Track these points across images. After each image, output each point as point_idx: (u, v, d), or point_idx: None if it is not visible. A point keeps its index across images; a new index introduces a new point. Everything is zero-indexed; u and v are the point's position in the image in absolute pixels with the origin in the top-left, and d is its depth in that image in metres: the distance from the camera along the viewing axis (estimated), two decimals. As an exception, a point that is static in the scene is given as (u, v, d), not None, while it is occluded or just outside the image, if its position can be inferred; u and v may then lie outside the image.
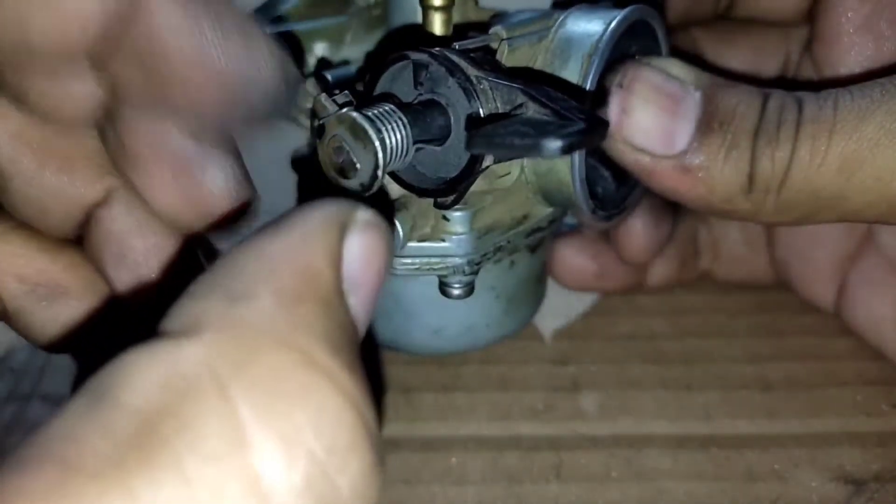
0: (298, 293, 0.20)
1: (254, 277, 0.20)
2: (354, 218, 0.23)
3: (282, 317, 0.19)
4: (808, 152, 0.33)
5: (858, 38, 0.41)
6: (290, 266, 0.20)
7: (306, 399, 0.18)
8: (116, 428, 0.17)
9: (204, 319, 0.19)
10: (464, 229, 0.36)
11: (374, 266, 0.23)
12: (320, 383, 0.18)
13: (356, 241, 0.22)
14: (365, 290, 0.22)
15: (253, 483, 0.17)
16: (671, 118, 0.35)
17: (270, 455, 0.17)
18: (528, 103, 0.31)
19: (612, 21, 0.36)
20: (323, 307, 0.20)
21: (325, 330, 0.20)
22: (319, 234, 0.21)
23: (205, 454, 0.17)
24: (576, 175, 0.36)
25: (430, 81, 0.33)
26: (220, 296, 0.19)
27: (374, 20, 0.43)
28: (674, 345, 0.49)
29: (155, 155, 0.31)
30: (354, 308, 0.22)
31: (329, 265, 0.21)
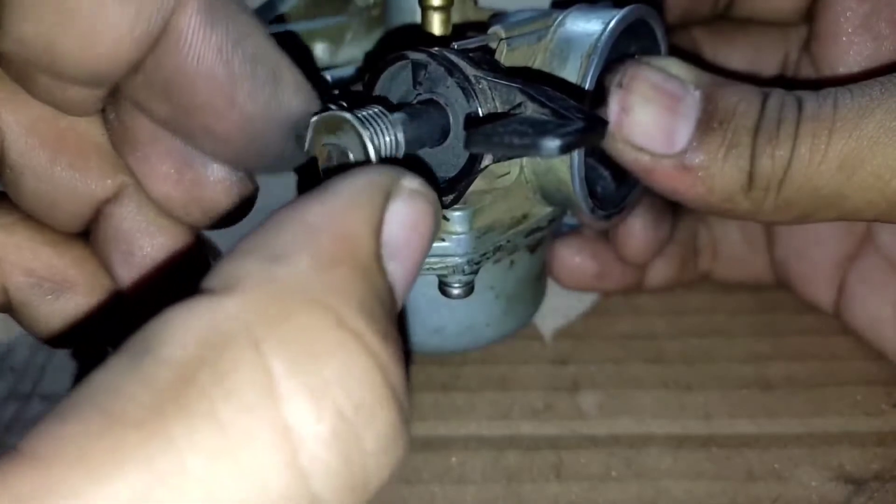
0: (335, 257, 0.20)
1: (293, 240, 0.21)
2: (400, 185, 0.23)
3: (317, 278, 0.20)
4: (808, 150, 0.33)
5: (857, 37, 0.41)
6: (330, 230, 0.21)
7: (335, 357, 0.19)
8: (156, 379, 0.18)
9: (242, 278, 0.20)
10: (463, 229, 0.36)
11: (417, 234, 0.23)
12: (349, 343, 0.19)
13: (400, 208, 0.23)
14: (406, 256, 0.23)
15: (283, 432, 0.18)
16: (671, 117, 0.35)
17: (300, 407, 0.18)
18: (526, 103, 0.31)
19: (611, 21, 0.36)
20: (358, 272, 0.21)
21: (358, 294, 0.20)
22: (362, 200, 0.22)
23: (239, 404, 0.18)
24: (575, 174, 0.36)
25: (428, 81, 0.33)
26: (258, 256, 0.20)
27: (374, 20, 0.43)
28: (674, 345, 0.49)
29: (157, 144, 0.31)
30: (394, 274, 0.22)
31: (369, 231, 0.22)
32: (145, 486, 0.17)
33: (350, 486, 0.19)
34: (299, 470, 0.18)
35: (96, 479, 0.16)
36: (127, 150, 0.31)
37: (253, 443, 0.18)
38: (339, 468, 0.18)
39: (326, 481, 0.18)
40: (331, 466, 0.18)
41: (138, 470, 0.17)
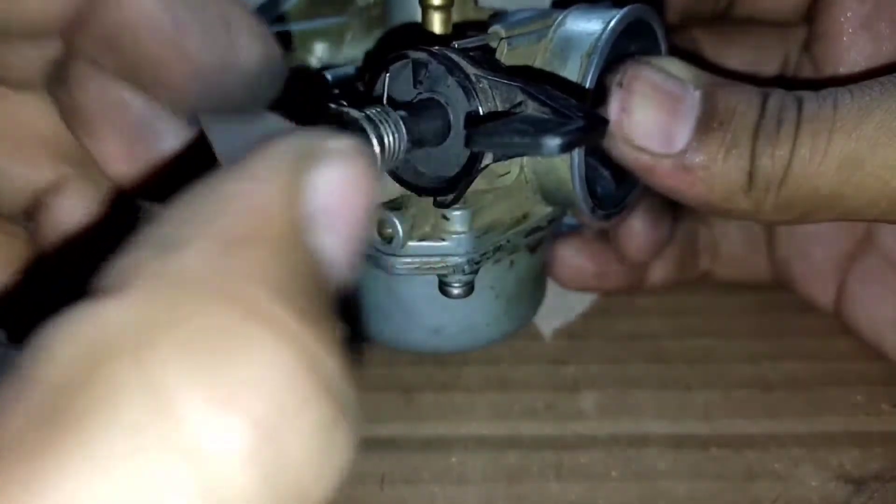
0: (243, 236, 0.17)
1: (192, 223, 0.18)
2: (324, 147, 0.20)
3: (220, 264, 0.17)
4: (809, 151, 0.33)
5: (857, 37, 0.41)
6: (235, 207, 0.18)
7: (248, 355, 0.16)
8: (31, 407, 0.15)
9: (133, 274, 0.17)
10: (463, 228, 0.36)
11: (352, 199, 0.20)
12: (264, 336, 0.16)
13: (325, 171, 0.19)
14: (339, 225, 0.20)
15: (186, 452, 0.15)
16: (671, 117, 0.35)
17: (205, 420, 0.15)
18: (527, 102, 0.31)
19: (612, 20, 0.36)
20: (273, 249, 0.18)
21: (274, 275, 0.17)
22: (275, 168, 0.19)
23: (125, 429, 0.15)
24: (575, 174, 0.36)
25: (429, 80, 0.33)
26: (151, 245, 0.17)
27: (374, 20, 0.43)
28: (674, 345, 0.49)
29: (108, 117, 0.30)
30: (326, 246, 0.19)
31: (283, 202, 0.19)
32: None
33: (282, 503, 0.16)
34: (211, 498, 0.15)
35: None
36: (79, 130, 0.30)
37: (146, 473, 0.15)
38: (261, 489, 0.15)
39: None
40: (250, 489, 0.15)
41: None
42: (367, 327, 0.44)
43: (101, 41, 0.26)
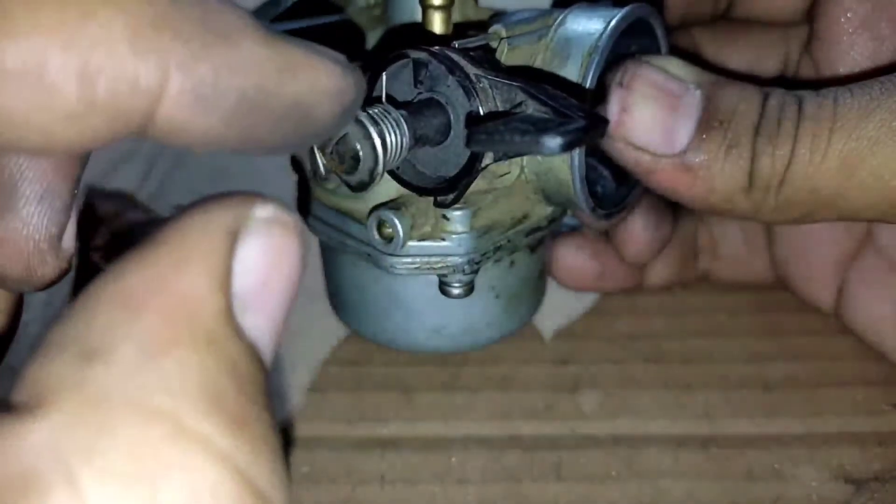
0: (167, 337, 0.16)
1: (113, 324, 0.16)
2: (250, 216, 0.19)
3: (145, 375, 0.16)
4: (809, 150, 0.33)
5: (858, 37, 0.41)
6: (158, 301, 0.17)
7: (174, 478, 0.15)
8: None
9: (51, 387, 0.16)
10: (464, 228, 0.36)
11: (278, 272, 0.19)
12: (191, 454, 0.15)
13: (253, 246, 0.18)
14: (269, 303, 0.19)
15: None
16: (671, 116, 0.35)
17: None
18: (527, 101, 0.31)
19: (612, 20, 0.36)
20: (201, 348, 0.17)
21: (200, 380, 0.16)
22: (199, 251, 0.18)
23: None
24: (576, 174, 0.36)
25: (429, 80, 0.33)
26: (71, 353, 0.16)
27: (374, 20, 0.43)
28: (674, 345, 0.49)
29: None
30: (255, 329, 0.18)
31: (212, 288, 0.17)
32: None
33: None
34: None
35: None
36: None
37: None
38: None
39: None
40: None
41: None
42: (367, 327, 0.44)
43: None
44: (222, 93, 0.20)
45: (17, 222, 0.26)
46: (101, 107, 0.19)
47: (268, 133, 0.22)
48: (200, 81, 0.20)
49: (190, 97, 0.20)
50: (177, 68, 0.19)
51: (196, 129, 0.21)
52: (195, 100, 0.20)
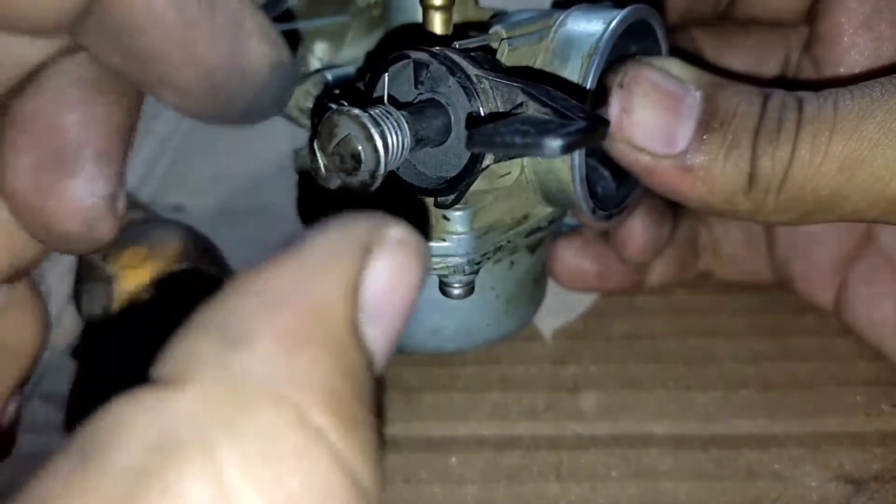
0: (302, 336, 0.18)
1: (255, 317, 0.18)
2: (382, 235, 0.20)
3: (280, 366, 0.18)
4: (809, 151, 0.33)
5: (858, 38, 0.41)
6: (297, 302, 0.19)
7: (297, 463, 0.17)
8: (102, 491, 0.16)
9: (196, 366, 0.18)
10: (464, 229, 0.36)
11: (401, 290, 0.20)
12: (311, 446, 0.17)
13: (382, 263, 0.20)
14: (389, 318, 0.20)
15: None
16: (672, 118, 0.35)
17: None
18: (528, 102, 0.31)
19: (612, 21, 0.36)
20: (329, 351, 0.18)
21: (325, 380, 0.18)
22: (336, 261, 0.20)
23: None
24: (576, 175, 0.36)
25: (430, 80, 0.33)
26: (215, 338, 0.18)
27: (374, 20, 0.43)
28: (674, 345, 0.48)
29: (31, 130, 0.28)
30: (374, 339, 0.20)
31: (343, 298, 0.19)
32: None
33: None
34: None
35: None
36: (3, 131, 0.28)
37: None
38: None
39: None
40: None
41: None
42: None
43: (107, 37, 0.25)
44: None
45: (78, 184, 0.28)
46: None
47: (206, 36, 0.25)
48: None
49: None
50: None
51: None
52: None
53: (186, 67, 0.25)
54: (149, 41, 0.25)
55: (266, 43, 0.27)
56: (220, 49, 0.26)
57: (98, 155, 0.28)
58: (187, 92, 0.26)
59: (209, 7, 0.25)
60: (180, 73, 0.26)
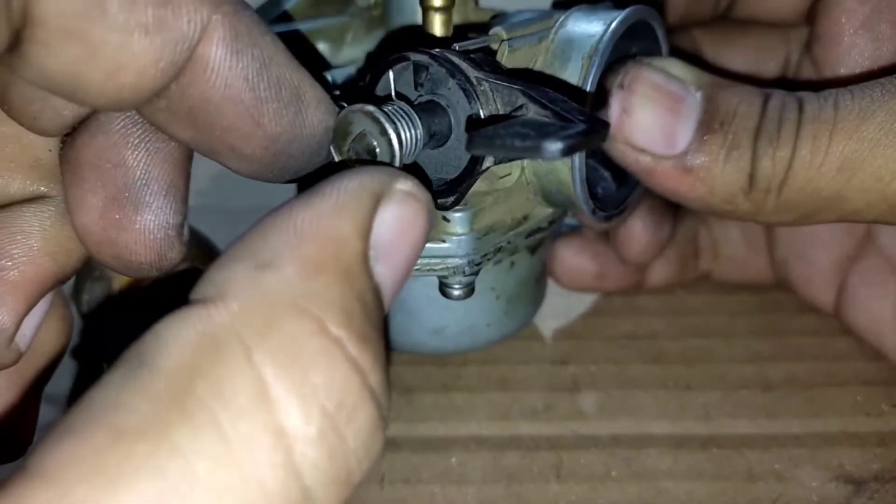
0: (321, 263, 0.21)
1: (280, 246, 0.21)
2: (392, 187, 0.24)
3: (302, 286, 0.21)
4: (810, 152, 0.33)
5: (858, 38, 0.41)
6: (317, 235, 0.22)
7: (319, 363, 0.20)
8: (156, 390, 0.19)
9: (230, 286, 0.20)
10: (464, 230, 0.36)
11: (407, 236, 0.24)
12: (331, 351, 0.20)
13: (390, 210, 0.23)
14: (395, 259, 0.24)
15: (277, 435, 0.19)
16: (672, 118, 0.35)
17: (291, 411, 0.19)
18: (528, 105, 0.31)
19: (613, 22, 0.36)
20: (342, 277, 0.22)
21: (339, 300, 0.21)
22: (351, 203, 0.23)
23: (236, 410, 0.19)
24: (576, 176, 0.36)
25: (430, 83, 0.33)
26: (246, 263, 0.21)
27: (375, 20, 0.42)
28: (674, 345, 0.49)
29: (96, 173, 0.30)
30: (381, 276, 0.23)
31: (356, 234, 0.22)
32: (157, 493, 0.17)
33: (336, 480, 0.20)
34: (293, 468, 0.19)
35: (109, 492, 0.17)
36: (67, 169, 0.30)
37: (251, 446, 0.19)
38: (327, 464, 0.20)
39: (316, 477, 0.19)
40: (319, 463, 0.19)
41: (150, 479, 0.17)
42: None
43: (179, 115, 0.27)
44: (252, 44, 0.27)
45: (148, 217, 0.30)
46: None
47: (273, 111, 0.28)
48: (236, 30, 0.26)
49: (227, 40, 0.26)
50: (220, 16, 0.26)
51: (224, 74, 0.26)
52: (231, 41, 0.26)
53: (253, 138, 0.28)
54: (221, 118, 0.27)
55: (322, 110, 0.29)
56: (283, 119, 0.28)
57: (164, 188, 0.30)
58: (251, 158, 0.29)
59: (277, 84, 0.27)
60: (247, 144, 0.28)
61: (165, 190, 0.30)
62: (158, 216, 0.30)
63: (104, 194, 0.30)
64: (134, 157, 0.30)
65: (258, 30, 0.27)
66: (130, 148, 0.30)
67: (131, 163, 0.30)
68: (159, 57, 0.25)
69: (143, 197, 0.30)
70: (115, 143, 0.29)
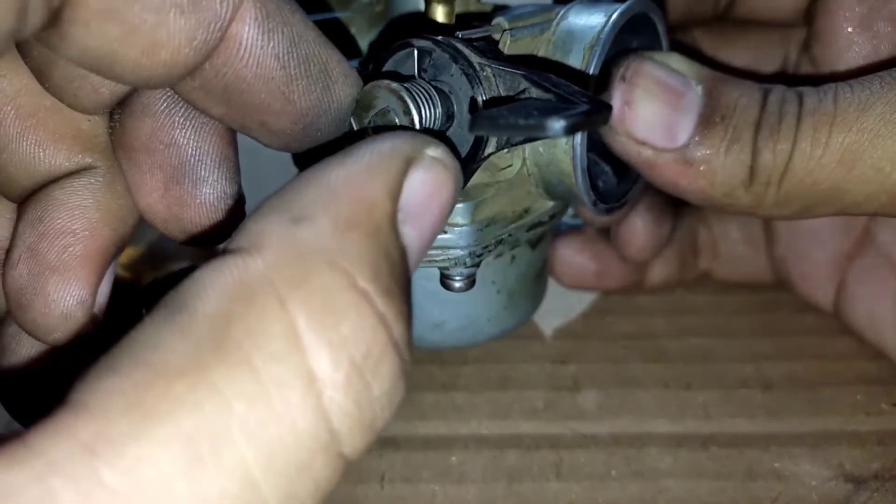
0: (352, 220, 0.22)
1: (314, 202, 0.22)
2: (423, 152, 0.24)
3: (334, 241, 0.21)
4: (810, 144, 0.33)
5: (856, 37, 0.41)
6: (349, 194, 0.22)
7: (348, 314, 0.21)
8: (194, 332, 0.19)
9: (266, 238, 0.21)
10: (465, 221, 0.36)
11: (435, 200, 0.24)
12: (360, 303, 0.21)
13: (420, 174, 0.24)
14: (422, 222, 0.24)
15: (309, 379, 0.20)
16: (673, 111, 0.35)
17: (321, 357, 0.20)
18: (530, 89, 0.31)
19: (614, 13, 0.36)
20: (372, 235, 0.22)
21: (369, 256, 0.22)
22: (383, 165, 0.23)
23: (270, 354, 0.19)
24: (577, 165, 0.36)
25: (433, 68, 0.33)
26: (282, 217, 0.22)
27: (377, 16, 0.43)
28: (674, 344, 0.49)
29: (151, 154, 0.31)
30: (408, 237, 0.24)
31: (386, 196, 0.23)
32: (195, 428, 0.18)
33: (361, 425, 0.21)
34: (322, 412, 0.20)
35: (150, 425, 0.18)
36: (122, 153, 0.32)
37: (284, 388, 0.19)
38: (353, 410, 0.20)
39: (343, 421, 0.20)
40: (347, 408, 0.20)
41: (188, 414, 0.18)
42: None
43: (213, 93, 0.28)
44: (283, 22, 0.28)
45: (207, 188, 0.32)
46: None
47: (303, 87, 0.29)
48: (267, 9, 0.27)
49: (259, 19, 0.27)
50: None
51: (256, 53, 0.27)
52: (262, 20, 0.27)
53: (284, 114, 0.29)
54: (253, 95, 0.28)
55: (348, 84, 0.31)
56: (312, 95, 0.29)
57: (217, 161, 0.32)
58: (281, 133, 0.30)
59: (306, 61, 0.29)
60: (278, 119, 0.29)
61: (218, 163, 0.32)
62: (216, 188, 0.32)
63: (162, 175, 0.31)
64: (183, 135, 0.31)
65: (288, 8, 0.28)
66: (178, 127, 0.31)
67: (181, 141, 0.31)
68: (193, 36, 0.26)
69: (199, 172, 0.32)
70: (162, 124, 0.31)
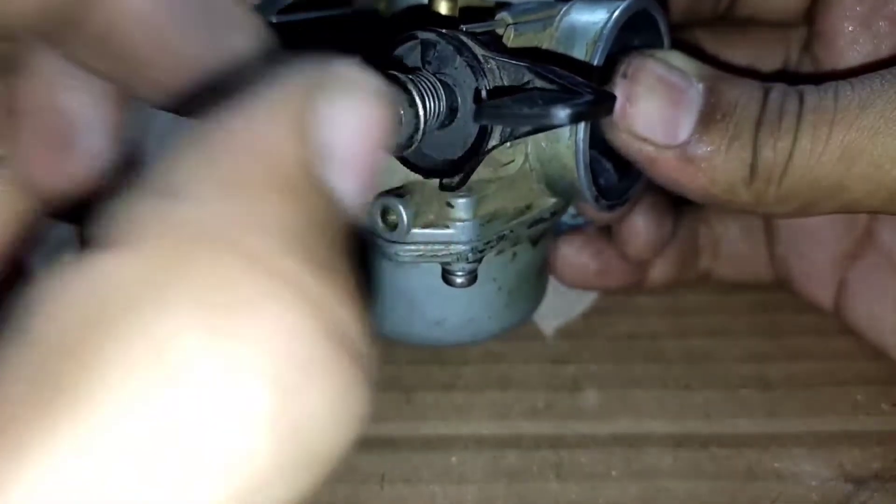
0: (249, 180, 0.17)
1: (196, 167, 0.17)
2: (337, 77, 0.19)
3: (228, 212, 0.16)
4: (810, 142, 0.34)
5: (857, 36, 0.41)
6: (240, 148, 0.17)
7: (258, 312, 0.15)
8: (28, 369, 0.14)
9: (136, 224, 0.16)
10: (467, 216, 0.36)
11: (364, 131, 0.19)
12: (275, 291, 0.15)
13: (337, 102, 0.18)
14: (355, 161, 0.18)
15: (204, 416, 0.14)
16: (674, 109, 0.35)
17: (220, 383, 0.14)
18: (534, 81, 0.31)
19: (616, 9, 0.36)
20: (282, 193, 0.17)
21: (283, 223, 0.16)
22: (281, 105, 0.18)
23: (142, 390, 0.14)
24: (580, 160, 0.36)
25: (437, 61, 0.33)
26: (154, 193, 0.16)
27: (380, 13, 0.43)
28: (674, 344, 0.49)
29: (39, 119, 0.29)
30: (340, 185, 0.18)
31: (292, 137, 0.17)
32: None
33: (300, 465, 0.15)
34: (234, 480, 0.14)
35: None
36: (6, 127, 0.29)
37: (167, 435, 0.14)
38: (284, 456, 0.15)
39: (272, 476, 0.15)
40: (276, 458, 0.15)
41: None
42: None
43: (90, 44, 0.26)
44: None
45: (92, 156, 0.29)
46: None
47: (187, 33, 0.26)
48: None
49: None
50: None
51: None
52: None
53: (168, 65, 0.26)
54: (134, 44, 0.25)
55: (244, 31, 0.27)
56: (197, 42, 0.26)
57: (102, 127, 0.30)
58: (169, 87, 0.27)
59: (184, 4, 0.25)
60: (162, 72, 0.26)
61: (102, 130, 0.30)
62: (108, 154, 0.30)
63: (49, 141, 0.29)
64: (70, 98, 0.29)
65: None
66: (63, 91, 0.29)
67: (69, 105, 0.29)
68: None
69: (89, 137, 0.29)
70: (48, 87, 0.29)
